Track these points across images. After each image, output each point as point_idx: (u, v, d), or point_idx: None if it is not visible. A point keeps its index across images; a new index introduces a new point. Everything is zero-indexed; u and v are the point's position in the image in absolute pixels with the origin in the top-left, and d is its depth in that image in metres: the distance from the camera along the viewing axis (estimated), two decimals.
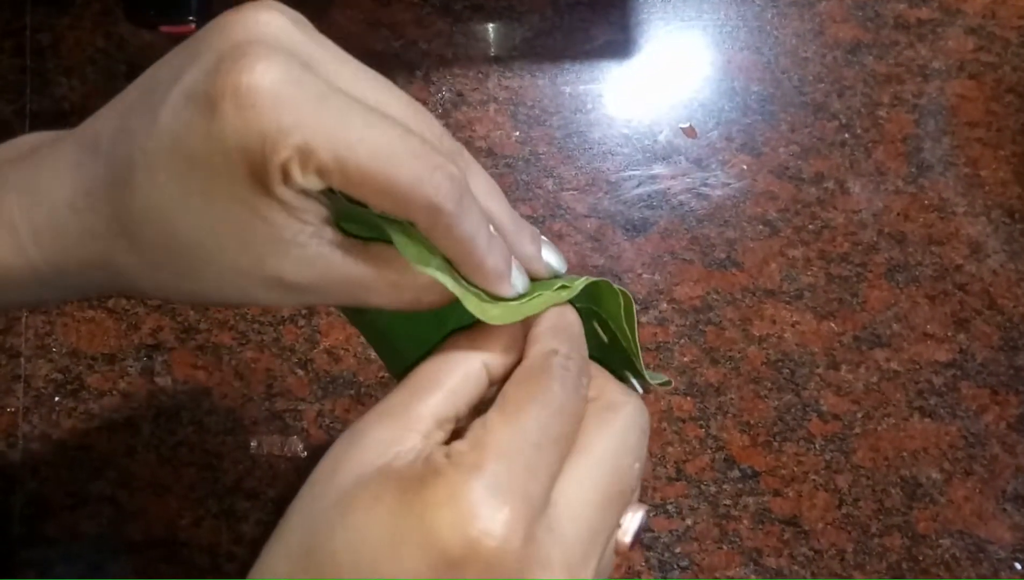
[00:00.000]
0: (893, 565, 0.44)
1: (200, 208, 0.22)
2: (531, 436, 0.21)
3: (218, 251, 0.22)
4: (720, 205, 0.47)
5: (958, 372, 0.46)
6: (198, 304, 0.25)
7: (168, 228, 0.22)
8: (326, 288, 0.23)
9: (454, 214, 0.22)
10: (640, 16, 0.49)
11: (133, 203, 0.22)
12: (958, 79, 0.48)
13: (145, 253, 0.23)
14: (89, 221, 0.23)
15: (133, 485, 0.44)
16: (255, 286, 0.23)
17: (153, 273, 0.23)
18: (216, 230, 0.22)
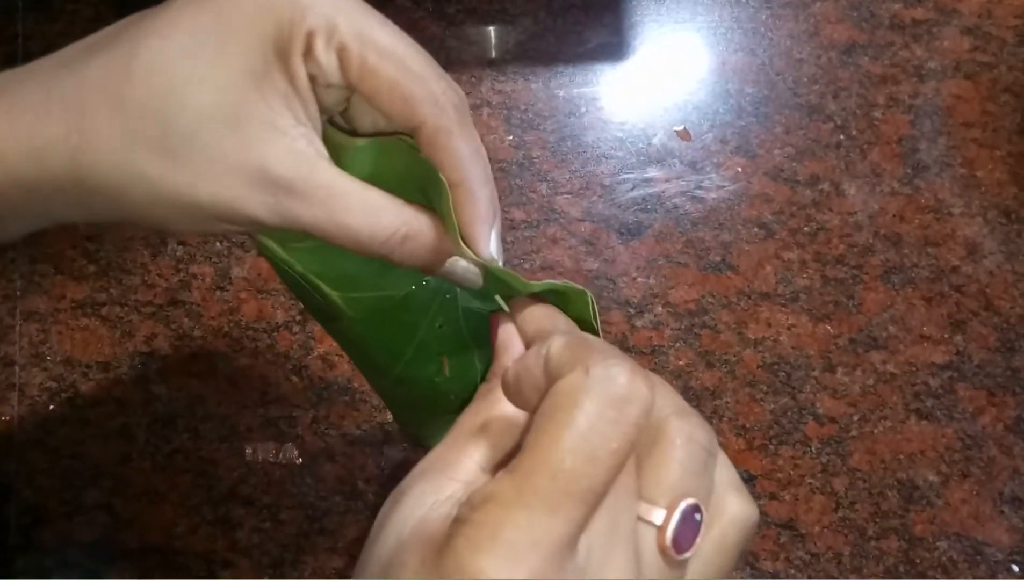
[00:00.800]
0: (890, 568, 0.44)
1: (208, 75, 0.22)
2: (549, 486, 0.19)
3: (212, 126, 0.23)
4: (715, 208, 0.47)
5: (955, 374, 0.46)
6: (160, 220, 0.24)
7: (168, 96, 0.22)
8: (304, 192, 0.23)
9: (457, 122, 0.24)
10: (634, 19, 0.48)
11: (135, 69, 0.22)
12: (954, 79, 0.48)
13: (130, 123, 0.23)
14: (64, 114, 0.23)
15: (128, 493, 0.44)
16: (235, 177, 0.23)
17: (130, 153, 0.23)
18: (218, 102, 0.23)
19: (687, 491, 0.21)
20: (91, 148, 0.23)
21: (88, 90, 0.23)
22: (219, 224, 0.24)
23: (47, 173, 0.23)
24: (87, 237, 0.46)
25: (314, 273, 0.27)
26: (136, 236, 0.46)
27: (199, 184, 0.23)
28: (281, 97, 0.23)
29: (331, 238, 0.24)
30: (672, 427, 0.22)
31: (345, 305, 0.28)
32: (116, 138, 0.23)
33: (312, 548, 0.43)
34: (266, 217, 0.24)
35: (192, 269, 0.45)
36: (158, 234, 0.46)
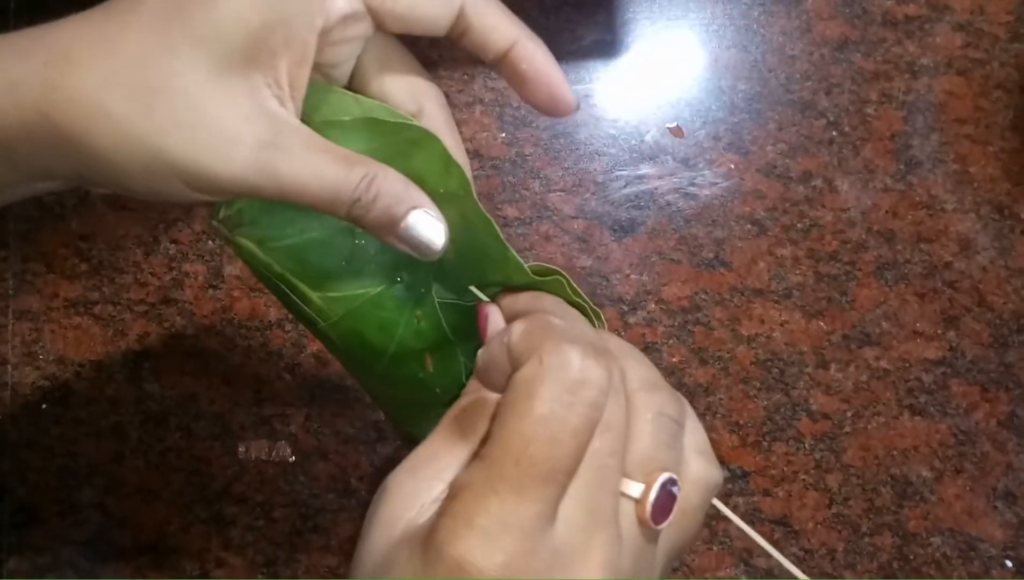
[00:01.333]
0: (884, 564, 0.44)
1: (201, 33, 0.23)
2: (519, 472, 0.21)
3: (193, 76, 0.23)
4: (708, 205, 0.47)
5: (948, 370, 0.46)
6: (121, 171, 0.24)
7: (157, 50, 0.23)
8: (284, 146, 0.24)
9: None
10: (626, 16, 0.48)
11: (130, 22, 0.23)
12: (946, 75, 0.48)
13: (112, 68, 0.23)
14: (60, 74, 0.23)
15: (121, 491, 0.44)
16: (209, 130, 0.23)
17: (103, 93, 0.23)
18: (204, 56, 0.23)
19: (661, 464, 0.22)
20: (65, 85, 0.23)
21: (77, 40, 0.23)
22: (179, 185, 0.24)
23: (17, 108, 0.23)
24: (79, 236, 0.46)
25: (293, 273, 0.28)
26: (129, 234, 0.46)
27: (169, 132, 0.23)
28: (268, 56, 0.24)
29: (307, 192, 0.24)
30: (642, 402, 0.23)
31: (324, 305, 0.28)
32: (93, 80, 0.23)
33: (305, 546, 0.43)
34: (242, 173, 0.23)
35: (185, 267, 0.45)
36: (150, 233, 0.46)
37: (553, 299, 0.27)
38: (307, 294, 0.28)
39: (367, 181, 0.24)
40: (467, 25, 0.26)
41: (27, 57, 0.23)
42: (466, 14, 0.26)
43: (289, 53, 0.24)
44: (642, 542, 0.22)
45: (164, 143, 0.23)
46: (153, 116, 0.23)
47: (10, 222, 0.46)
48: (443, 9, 0.26)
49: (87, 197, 0.46)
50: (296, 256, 0.28)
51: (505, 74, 0.27)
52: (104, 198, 0.46)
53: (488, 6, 0.26)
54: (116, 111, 0.23)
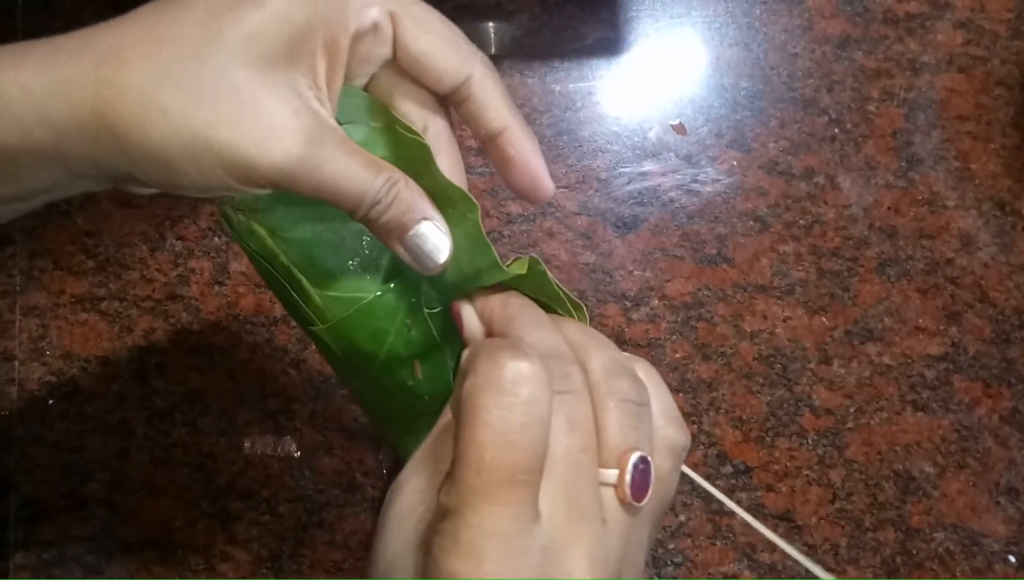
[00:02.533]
0: (887, 559, 0.44)
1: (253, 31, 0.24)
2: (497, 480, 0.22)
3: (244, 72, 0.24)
4: (710, 201, 0.47)
5: (950, 365, 0.46)
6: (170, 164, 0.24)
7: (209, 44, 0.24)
8: (327, 143, 0.25)
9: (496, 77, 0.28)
10: (629, 13, 0.49)
11: (182, 16, 0.24)
12: (947, 73, 0.48)
13: (163, 63, 0.23)
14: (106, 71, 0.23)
15: (127, 487, 0.44)
16: (258, 123, 0.24)
17: (155, 88, 0.23)
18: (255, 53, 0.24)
19: (630, 445, 0.23)
20: (118, 81, 0.23)
21: (128, 38, 0.24)
22: (225, 177, 0.24)
23: (69, 104, 0.23)
24: (86, 233, 0.46)
25: (298, 268, 0.28)
26: (135, 231, 0.46)
27: (219, 124, 0.23)
28: (310, 56, 0.25)
29: (340, 191, 0.25)
30: (604, 392, 0.24)
31: (323, 304, 0.28)
32: (145, 76, 0.23)
33: (310, 541, 0.44)
34: (288, 166, 0.24)
35: (191, 264, 0.46)
36: (156, 229, 0.46)
37: (520, 303, 0.27)
38: (308, 290, 0.28)
39: (388, 185, 0.25)
40: (469, 94, 0.27)
41: (79, 57, 0.23)
42: (472, 85, 0.27)
43: (327, 54, 0.25)
44: (628, 521, 0.23)
45: (214, 135, 0.23)
46: (204, 109, 0.23)
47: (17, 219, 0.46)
48: (453, 70, 0.27)
49: (93, 194, 0.46)
50: (305, 250, 0.28)
51: (492, 154, 0.28)
52: (110, 195, 0.46)
53: (494, 87, 0.27)
54: (168, 104, 0.23)
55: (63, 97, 0.23)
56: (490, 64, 0.28)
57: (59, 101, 0.23)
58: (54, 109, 0.23)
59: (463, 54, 0.27)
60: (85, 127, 0.24)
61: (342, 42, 0.25)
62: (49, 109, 0.23)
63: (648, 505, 0.24)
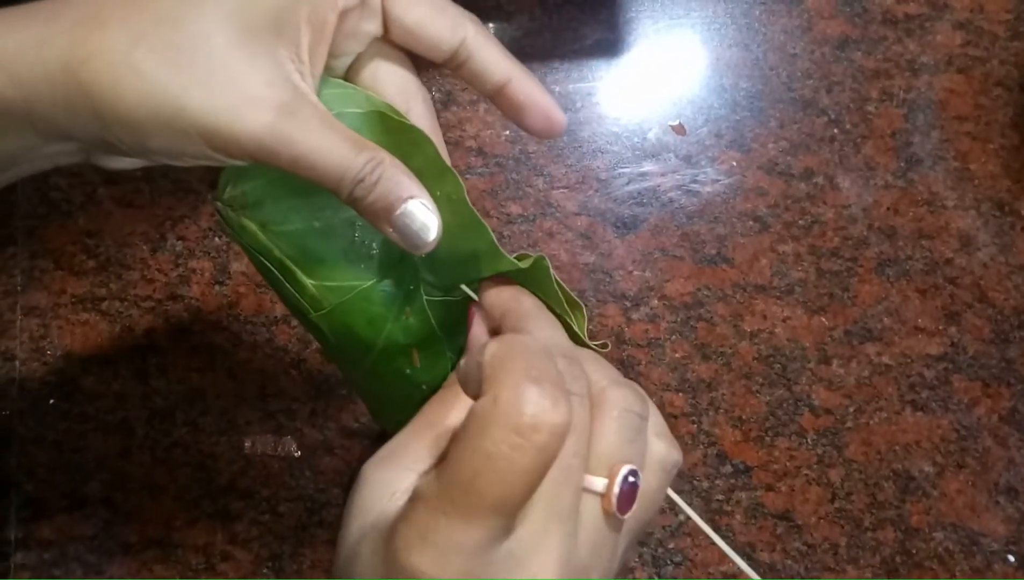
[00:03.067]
0: (886, 559, 0.45)
1: None
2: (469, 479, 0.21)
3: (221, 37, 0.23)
4: (710, 201, 0.47)
5: (949, 365, 0.46)
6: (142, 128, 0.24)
7: (189, 6, 0.23)
8: (302, 115, 0.24)
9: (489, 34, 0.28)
10: (629, 14, 0.49)
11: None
12: (946, 73, 0.48)
13: (141, 26, 0.23)
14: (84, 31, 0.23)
15: (128, 486, 0.44)
16: (232, 91, 0.23)
17: (131, 50, 0.23)
18: (235, 21, 0.24)
19: (624, 457, 0.23)
20: (93, 41, 0.23)
21: (107, 1, 0.24)
22: (198, 143, 0.24)
23: (42, 64, 0.23)
24: (87, 233, 0.46)
25: (292, 259, 0.28)
26: (135, 232, 0.46)
27: (192, 89, 0.23)
28: (292, 29, 0.25)
29: (318, 165, 0.24)
30: (608, 399, 0.24)
31: (319, 293, 0.28)
32: (121, 37, 0.23)
33: (311, 540, 0.44)
34: (261, 134, 0.24)
35: (191, 264, 0.46)
36: (157, 230, 0.46)
37: (533, 301, 0.27)
38: (303, 281, 0.28)
39: (372, 164, 0.25)
40: (467, 56, 0.28)
41: (55, 18, 0.23)
42: (468, 46, 0.27)
43: (311, 29, 0.25)
44: (605, 532, 0.23)
45: (188, 100, 0.23)
46: (180, 73, 0.23)
47: (18, 219, 0.46)
48: (447, 34, 0.27)
49: (94, 194, 0.46)
50: (297, 242, 0.28)
51: (502, 105, 0.29)
52: (111, 195, 0.46)
53: (488, 42, 0.28)
54: (143, 67, 0.23)
55: (35, 56, 0.23)
56: (478, 21, 0.28)
57: (31, 59, 0.23)
58: (25, 67, 0.23)
59: (453, 18, 0.27)
60: (57, 87, 0.23)
61: (328, 18, 0.25)
62: (20, 67, 0.23)
63: (629, 519, 0.24)
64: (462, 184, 0.27)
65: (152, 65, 0.23)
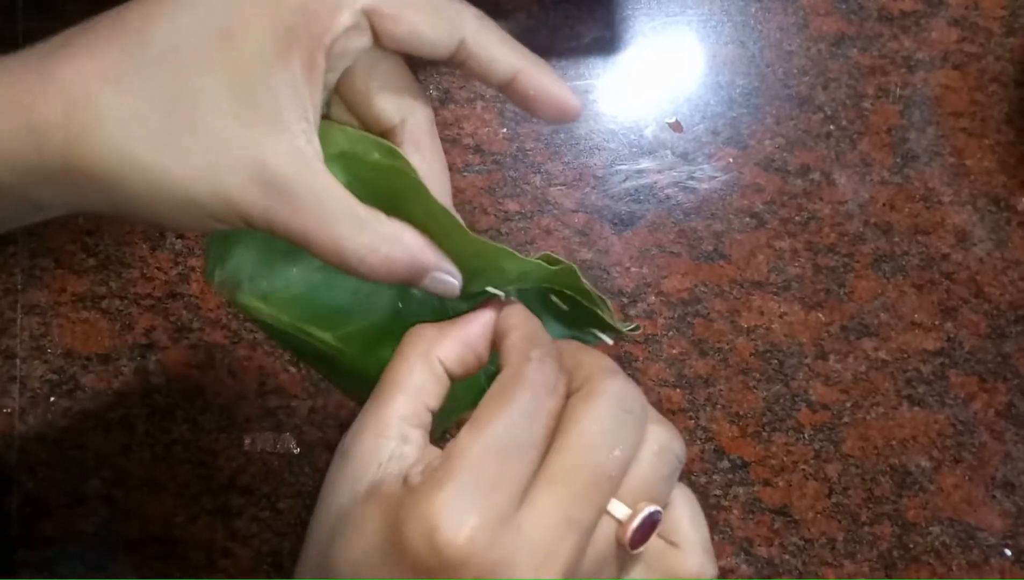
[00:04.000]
0: (884, 553, 0.45)
1: (218, 60, 0.23)
2: (498, 444, 0.22)
3: (218, 114, 0.23)
4: (707, 198, 0.47)
5: (946, 360, 0.46)
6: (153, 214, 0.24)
7: (178, 81, 0.23)
8: (297, 195, 0.23)
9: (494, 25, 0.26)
10: (625, 12, 0.49)
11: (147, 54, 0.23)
12: (942, 70, 0.48)
13: (135, 109, 0.23)
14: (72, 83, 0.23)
15: (128, 483, 0.44)
16: (234, 173, 0.23)
17: (130, 142, 0.22)
18: (226, 89, 0.23)
19: (653, 496, 0.23)
20: (90, 136, 0.22)
21: (92, 76, 0.23)
22: (210, 221, 0.24)
23: (40, 157, 0.23)
24: (86, 231, 0.46)
25: (303, 321, 0.27)
26: (135, 230, 0.46)
27: (197, 180, 0.23)
28: (290, 87, 0.23)
29: (314, 246, 0.24)
30: (651, 431, 0.24)
31: (339, 343, 0.27)
32: (118, 127, 0.22)
33: None
34: (256, 219, 0.23)
35: (191, 262, 0.46)
36: (156, 228, 0.46)
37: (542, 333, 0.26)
38: (321, 337, 0.27)
39: (377, 254, 0.24)
40: (468, 55, 0.26)
41: (43, 103, 0.22)
42: (467, 45, 0.26)
43: (308, 79, 0.24)
44: (611, 556, 0.23)
45: (195, 189, 0.23)
46: (183, 164, 0.23)
47: None
48: (444, 36, 0.25)
49: None
50: (303, 304, 0.27)
51: (513, 98, 0.27)
52: None
53: (489, 39, 0.26)
54: (146, 161, 0.23)
55: (34, 149, 0.23)
56: (480, 14, 0.26)
57: (30, 151, 0.23)
58: (24, 158, 0.23)
59: (449, 18, 0.25)
60: (59, 176, 0.23)
61: (318, 60, 0.24)
62: (16, 155, 0.23)
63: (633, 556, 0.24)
64: (457, 220, 0.25)
65: (155, 160, 0.23)
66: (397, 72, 0.27)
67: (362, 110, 0.27)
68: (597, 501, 0.22)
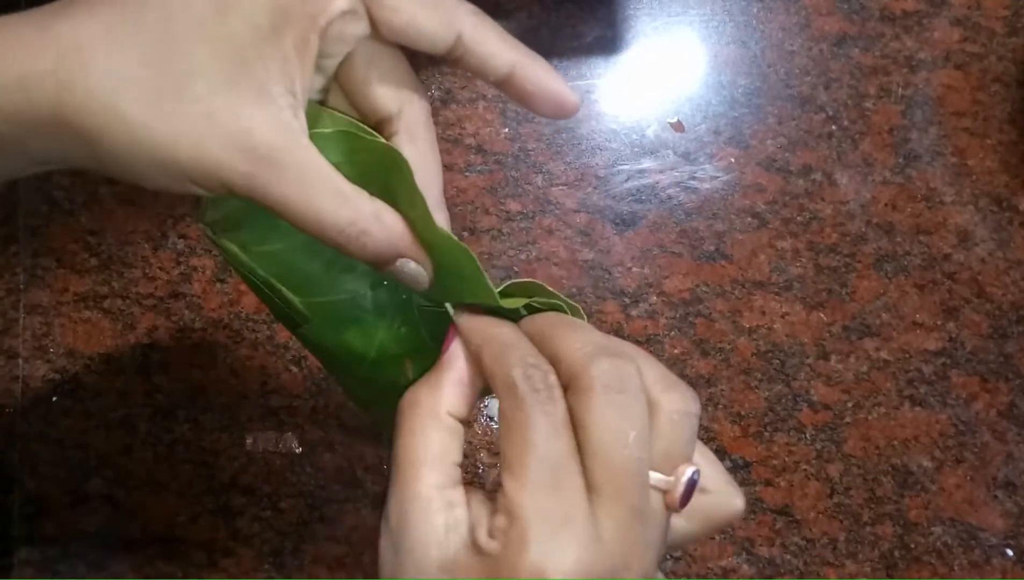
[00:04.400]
0: (885, 553, 0.45)
1: (212, 29, 0.23)
2: (544, 480, 0.23)
3: (206, 80, 0.23)
4: (708, 198, 0.47)
5: (948, 361, 0.46)
6: (132, 170, 0.24)
7: (171, 45, 0.23)
8: (282, 165, 0.24)
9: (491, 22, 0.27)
10: (627, 12, 0.49)
11: (145, 17, 0.23)
12: (944, 69, 0.48)
13: (126, 68, 0.23)
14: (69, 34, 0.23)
15: (130, 483, 0.44)
16: (218, 139, 0.23)
17: (117, 96, 0.23)
18: (217, 55, 0.23)
19: (685, 457, 0.25)
20: (78, 86, 0.23)
21: (89, 33, 0.23)
22: (189, 185, 0.24)
23: (30, 105, 0.23)
24: (89, 231, 0.46)
25: (276, 277, 0.28)
26: (137, 230, 0.46)
27: (180, 140, 0.23)
28: (280, 62, 0.24)
29: (294, 217, 0.24)
30: (666, 402, 0.25)
31: (306, 310, 0.28)
32: (107, 80, 0.23)
33: (312, 536, 0.44)
34: (238, 185, 0.24)
35: (192, 262, 0.46)
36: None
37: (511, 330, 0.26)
38: (290, 298, 0.28)
39: (354, 228, 0.25)
40: (465, 50, 0.26)
41: (37, 53, 0.23)
42: (464, 40, 0.26)
43: (299, 57, 0.24)
44: (666, 518, 0.25)
45: (177, 149, 0.23)
46: (167, 123, 0.23)
47: (20, 218, 0.46)
48: (442, 30, 0.26)
49: (96, 193, 0.46)
50: (280, 261, 0.28)
51: (510, 94, 0.28)
52: (113, 193, 0.46)
53: (487, 34, 0.26)
54: (131, 116, 0.23)
55: (24, 97, 0.23)
56: (477, 11, 0.27)
57: (20, 100, 0.23)
58: (13, 106, 0.23)
59: (447, 11, 0.26)
60: (45, 126, 0.23)
61: (312, 40, 0.24)
62: (8, 107, 0.23)
63: None
64: (428, 212, 0.26)
65: (142, 116, 0.23)
66: (396, 64, 0.27)
67: (360, 99, 0.27)
68: (641, 483, 0.23)
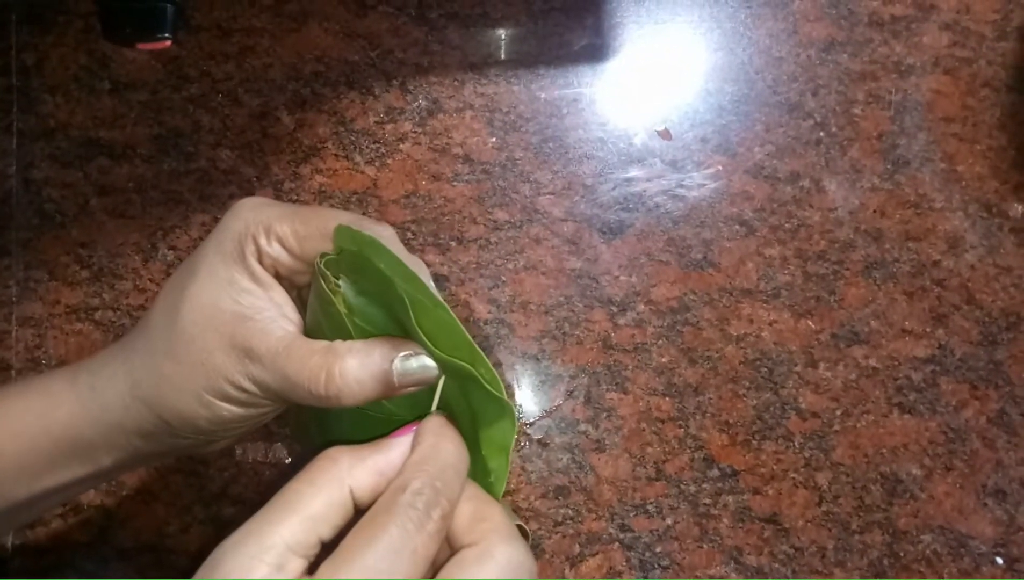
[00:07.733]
0: (874, 561, 0.45)
1: (205, 297, 0.30)
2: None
3: (205, 331, 0.29)
4: (696, 206, 0.47)
5: (937, 368, 0.46)
6: (183, 411, 0.31)
7: (184, 321, 0.30)
8: (261, 355, 0.29)
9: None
10: (615, 20, 0.49)
11: (179, 324, 0.30)
12: (933, 75, 0.48)
13: (162, 348, 0.31)
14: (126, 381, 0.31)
15: (122, 493, 0.45)
16: (222, 359, 0.29)
17: (156, 361, 0.30)
18: (207, 313, 0.30)
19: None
20: (140, 395, 0.31)
21: (138, 367, 0.32)
22: (226, 404, 0.30)
23: (123, 411, 0.31)
24: (80, 244, 0.47)
25: None
26: (128, 242, 0.47)
27: (197, 373, 0.30)
28: (247, 293, 0.30)
29: (282, 391, 0.29)
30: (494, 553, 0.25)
31: None
32: (152, 357, 0.31)
33: None
34: (243, 384, 0.29)
35: None
36: (149, 240, 0.47)
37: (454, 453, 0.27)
38: None
39: (321, 378, 0.28)
40: None
41: (117, 381, 0.32)
42: None
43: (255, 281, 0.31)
44: None
45: (197, 380, 0.30)
46: (185, 365, 0.30)
47: (12, 231, 0.47)
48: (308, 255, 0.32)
49: (87, 205, 0.47)
50: None
51: None
52: (104, 206, 0.47)
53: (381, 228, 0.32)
54: (164, 370, 0.31)
55: (118, 406, 0.32)
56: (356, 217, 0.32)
57: (115, 407, 0.32)
58: (112, 414, 0.32)
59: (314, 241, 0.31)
60: (133, 420, 0.32)
61: (260, 275, 0.31)
62: (109, 415, 0.32)
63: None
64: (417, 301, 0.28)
65: (168, 368, 0.31)
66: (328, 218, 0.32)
67: None
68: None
